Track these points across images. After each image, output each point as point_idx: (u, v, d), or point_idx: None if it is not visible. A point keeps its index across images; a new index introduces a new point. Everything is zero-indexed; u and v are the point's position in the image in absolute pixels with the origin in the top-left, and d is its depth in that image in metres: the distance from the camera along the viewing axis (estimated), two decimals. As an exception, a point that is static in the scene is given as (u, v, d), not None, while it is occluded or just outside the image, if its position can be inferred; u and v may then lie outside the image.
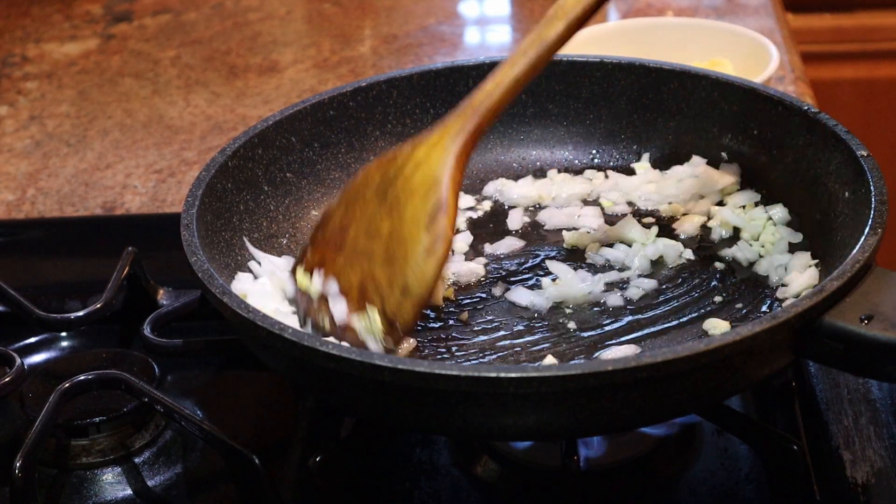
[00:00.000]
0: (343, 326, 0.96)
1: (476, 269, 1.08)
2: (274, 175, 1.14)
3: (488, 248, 1.12)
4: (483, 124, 0.97)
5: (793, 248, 1.06)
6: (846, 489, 0.94)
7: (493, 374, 0.83)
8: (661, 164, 1.19)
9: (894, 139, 2.28)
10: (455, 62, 1.22)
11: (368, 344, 0.95)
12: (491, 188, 1.20)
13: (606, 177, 1.19)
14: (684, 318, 1.01)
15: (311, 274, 1.00)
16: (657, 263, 1.08)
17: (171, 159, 1.52)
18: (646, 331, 1.00)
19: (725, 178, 1.14)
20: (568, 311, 1.03)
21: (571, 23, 0.96)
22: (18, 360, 1.07)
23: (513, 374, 0.83)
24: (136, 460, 1.04)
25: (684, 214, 1.13)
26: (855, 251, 0.91)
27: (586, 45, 1.46)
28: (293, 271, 1.02)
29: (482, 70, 1.21)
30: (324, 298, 0.97)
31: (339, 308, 0.96)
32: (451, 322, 1.02)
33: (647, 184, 1.16)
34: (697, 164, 1.16)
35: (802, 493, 0.94)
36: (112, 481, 1.03)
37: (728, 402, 1.03)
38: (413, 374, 0.84)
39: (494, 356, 0.98)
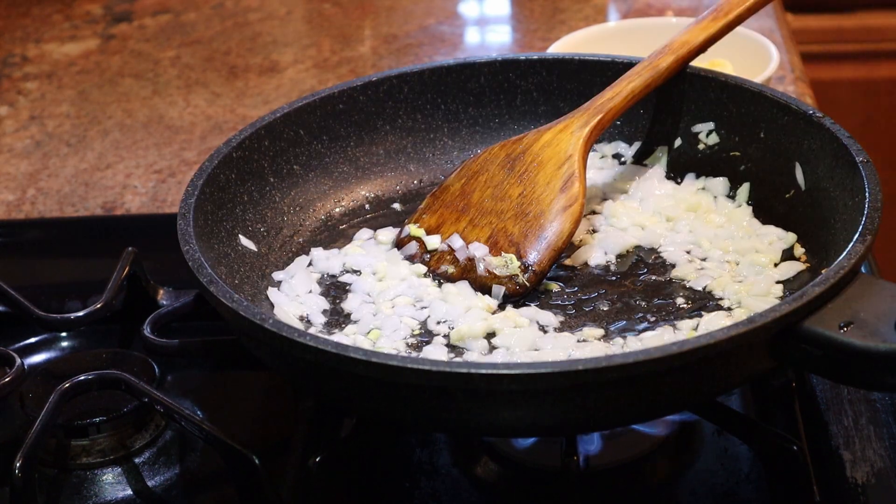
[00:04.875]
0: (468, 267, 1.07)
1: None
2: (280, 167, 1.15)
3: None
4: (605, 120, 1.12)
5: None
6: (846, 489, 0.94)
7: (464, 371, 0.83)
8: (675, 166, 1.19)
9: (894, 139, 2.28)
10: (467, 59, 1.22)
11: (497, 287, 1.05)
12: None
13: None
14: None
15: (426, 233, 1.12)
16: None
17: (171, 159, 1.52)
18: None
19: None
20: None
21: (679, 58, 1.15)
22: (18, 360, 1.07)
23: (483, 371, 0.83)
24: (136, 460, 1.04)
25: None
26: (841, 258, 0.91)
27: (587, 44, 1.46)
28: (403, 226, 1.14)
29: (494, 67, 1.22)
30: (446, 252, 1.09)
31: (480, 250, 1.08)
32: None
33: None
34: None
35: (802, 494, 0.94)
36: (112, 481, 1.03)
37: (728, 402, 1.03)
38: (385, 367, 0.84)
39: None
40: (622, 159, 1.21)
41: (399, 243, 1.12)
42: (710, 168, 1.17)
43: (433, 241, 1.10)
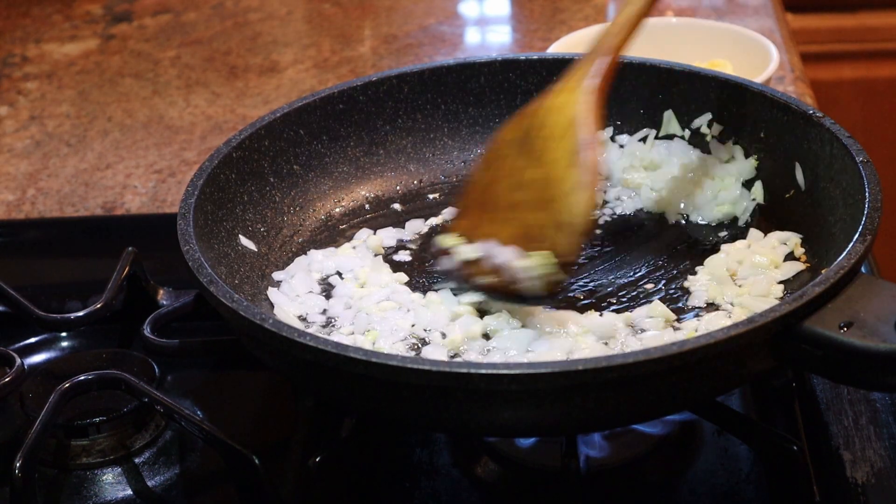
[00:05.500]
0: (511, 274, 0.98)
1: None
2: (280, 167, 1.15)
3: None
4: (614, 62, 1.01)
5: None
6: (846, 489, 0.94)
7: (464, 371, 0.83)
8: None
9: (894, 139, 2.28)
10: (467, 59, 1.23)
11: (529, 285, 0.97)
12: None
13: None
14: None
15: (461, 239, 1.03)
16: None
17: (171, 159, 1.52)
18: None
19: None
20: None
21: None
22: (18, 360, 1.07)
23: (483, 371, 0.83)
24: (136, 460, 1.04)
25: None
26: (841, 258, 0.91)
27: (587, 44, 1.45)
28: (439, 240, 1.05)
29: (493, 67, 1.22)
30: (480, 261, 1.00)
31: (507, 255, 0.99)
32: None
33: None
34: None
35: (802, 494, 0.94)
36: (112, 481, 1.03)
37: (728, 402, 1.03)
38: (385, 367, 0.84)
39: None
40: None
41: (437, 254, 1.05)
42: (710, 168, 1.17)
43: (466, 252, 1.01)
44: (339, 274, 1.10)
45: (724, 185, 1.13)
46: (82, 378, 1.03)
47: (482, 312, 1.03)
